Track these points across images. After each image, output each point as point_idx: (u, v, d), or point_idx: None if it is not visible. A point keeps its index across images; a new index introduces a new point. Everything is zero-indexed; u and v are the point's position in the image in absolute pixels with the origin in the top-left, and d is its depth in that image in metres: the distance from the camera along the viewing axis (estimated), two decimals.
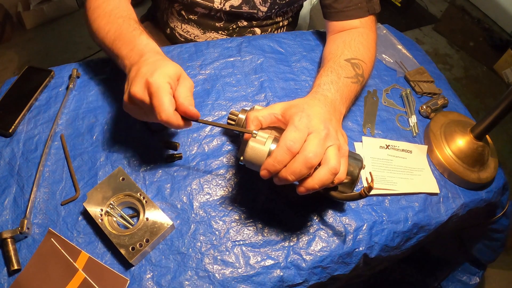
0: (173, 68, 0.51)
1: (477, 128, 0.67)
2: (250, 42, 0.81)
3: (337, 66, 0.63)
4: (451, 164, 0.67)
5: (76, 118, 0.67)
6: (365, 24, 0.73)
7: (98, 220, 0.53)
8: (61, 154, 0.63)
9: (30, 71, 0.72)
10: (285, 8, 0.87)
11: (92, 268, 0.52)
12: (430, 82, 0.81)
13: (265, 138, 0.49)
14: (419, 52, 0.90)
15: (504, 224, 0.80)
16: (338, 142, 0.49)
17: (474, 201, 0.67)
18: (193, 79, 0.74)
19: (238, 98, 0.72)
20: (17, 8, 2.11)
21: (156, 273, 0.53)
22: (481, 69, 2.25)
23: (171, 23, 0.89)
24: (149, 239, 0.52)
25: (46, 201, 0.58)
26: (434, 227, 0.63)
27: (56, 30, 2.14)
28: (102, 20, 0.63)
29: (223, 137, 0.67)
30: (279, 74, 0.77)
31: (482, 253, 0.89)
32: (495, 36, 2.38)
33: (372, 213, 0.61)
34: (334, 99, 0.56)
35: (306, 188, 0.47)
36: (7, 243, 0.51)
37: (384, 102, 0.77)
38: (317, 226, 0.59)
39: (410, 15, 2.53)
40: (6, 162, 0.61)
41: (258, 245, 0.56)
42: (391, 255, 0.62)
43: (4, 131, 0.63)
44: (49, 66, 0.74)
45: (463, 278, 0.97)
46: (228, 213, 0.59)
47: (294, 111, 0.50)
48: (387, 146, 0.68)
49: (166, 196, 0.59)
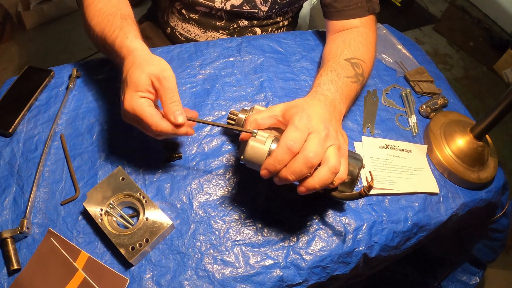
0: (143, 77, 0.51)
1: (477, 128, 0.67)
2: (250, 42, 0.81)
3: (337, 65, 0.63)
4: (451, 164, 0.67)
5: (76, 118, 0.67)
6: (365, 23, 0.73)
7: (98, 220, 0.53)
8: (61, 154, 0.63)
9: (30, 71, 0.72)
10: (286, 8, 0.88)
11: (92, 268, 0.52)
12: (430, 82, 0.81)
13: (265, 138, 0.49)
14: (419, 52, 0.90)
15: (504, 224, 0.80)
16: (338, 142, 0.49)
17: (474, 201, 0.67)
18: (193, 79, 0.74)
19: (238, 98, 0.72)
20: (17, 8, 2.11)
21: (156, 272, 0.53)
22: (481, 69, 2.25)
23: (172, 22, 0.89)
24: (149, 238, 0.52)
25: (46, 201, 0.58)
26: (434, 227, 0.63)
27: (56, 30, 2.14)
28: (92, 20, 0.63)
29: (223, 137, 0.67)
30: (279, 74, 0.77)
31: (482, 253, 0.89)
32: (495, 36, 2.39)
33: (372, 213, 0.61)
34: (334, 98, 0.56)
35: (306, 188, 0.47)
36: (7, 242, 0.51)
37: (384, 102, 0.77)
38: (317, 225, 0.59)
39: (410, 15, 2.53)
40: (6, 162, 0.61)
41: (257, 244, 0.56)
42: (391, 255, 0.62)
43: (4, 131, 0.63)
44: (49, 66, 0.74)
45: (463, 278, 0.97)
46: (227, 212, 0.59)
47: (294, 111, 0.50)
48: (387, 146, 0.68)
49: (166, 196, 0.59)
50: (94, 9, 0.63)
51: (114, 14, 0.61)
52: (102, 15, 0.61)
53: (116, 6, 0.63)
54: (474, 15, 2.56)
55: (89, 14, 0.63)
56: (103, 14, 0.61)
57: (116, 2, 0.64)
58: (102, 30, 0.60)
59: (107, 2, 0.63)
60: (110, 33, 0.58)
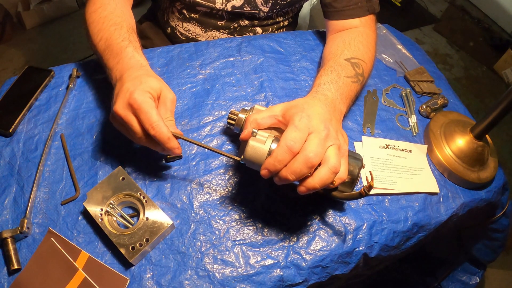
0: (155, 83, 0.52)
1: (477, 128, 0.67)
2: (250, 42, 0.81)
3: (337, 65, 0.63)
4: (451, 163, 0.67)
5: (76, 118, 0.67)
6: (365, 23, 0.73)
7: (98, 220, 0.53)
8: (61, 154, 0.63)
9: (30, 71, 0.72)
10: (286, 9, 0.88)
11: (92, 268, 0.52)
12: (430, 82, 0.81)
13: (265, 138, 0.49)
14: (419, 52, 0.90)
15: (504, 224, 0.80)
16: (338, 142, 0.49)
17: (474, 201, 0.67)
18: (193, 79, 0.74)
19: (238, 98, 0.72)
20: (17, 8, 2.11)
21: (156, 272, 0.53)
22: (481, 69, 2.25)
23: (172, 22, 0.89)
24: (149, 238, 0.52)
25: (46, 200, 0.58)
26: (434, 227, 0.63)
27: (56, 30, 2.14)
28: (96, 26, 0.63)
29: (223, 137, 0.67)
30: (279, 74, 0.77)
31: (482, 253, 0.89)
32: (495, 36, 2.39)
33: (372, 213, 0.61)
34: (334, 98, 0.56)
35: (306, 188, 0.47)
36: (7, 242, 0.51)
37: (384, 102, 0.77)
38: (317, 225, 0.59)
39: (410, 15, 2.53)
40: (6, 162, 0.61)
41: (258, 244, 0.56)
42: (391, 255, 0.62)
43: (4, 130, 0.63)
44: (49, 66, 0.74)
45: (463, 278, 0.97)
46: (228, 212, 0.59)
47: (294, 111, 0.50)
48: (387, 145, 0.68)
49: (166, 196, 0.59)
50: (98, 16, 0.63)
51: (121, 25, 0.61)
52: (107, 22, 0.62)
53: (121, 17, 0.63)
54: (474, 15, 2.56)
55: (93, 20, 0.64)
56: (108, 22, 0.62)
57: (121, 12, 0.64)
58: (109, 37, 0.60)
59: (113, 10, 0.64)
60: (118, 41, 0.59)
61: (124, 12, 0.65)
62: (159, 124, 0.49)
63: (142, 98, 0.49)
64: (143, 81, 0.52)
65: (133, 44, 0.59)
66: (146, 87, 0.51)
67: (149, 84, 0.51)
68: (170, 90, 0.55)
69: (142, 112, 0.49)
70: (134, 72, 0.54)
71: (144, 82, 0.51)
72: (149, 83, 0.52)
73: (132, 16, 0.67)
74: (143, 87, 0.51)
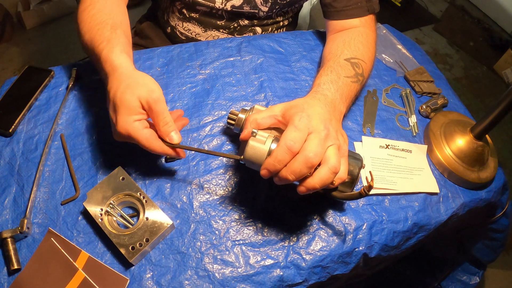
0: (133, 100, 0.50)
1: (477, 128, 0.67)
2: (250, 42, 0.81)
3: (337, 65, 0.63)
4: (451, 163, 0.67)
5: (76, 118, 0.67)
6: (364, 23, 0.73)
7: (98, 220, 0.53)
8: (61, 154, 0.63)
9: (30, 71, 0.72)
10: (286, 8, 0.88)
11: (92, 268, 0.52)
12: (430, 82, 0.81)
13: (265, 138, 0.49)
14: (419, 52, 0.90)
15: (504, 224, 0.80)
16: (338, 142, 0.49)
17: (474, 201, 0.67)
18: (193, 79, 0.74)
19: (238, 98, 0.72)
20: (17, 8, 2.11)
21: (156, 272, 0.53)
22: (481, 69, 2.25)
23: (172, 21, 0.89)
24: (149, 238, 0.52)
25: (46, 200, 0.58)
26: (434, 227, 0.63)
27: (56, 30, 2.14)
28: (84, 26, 0.61)
29: (223, 137, 0.67)
30: (279, 74, 0.77)
31: (482, 253, 0.89)
32: (495, 36, 2.39)
33: (372, 213, 0.61)
34: (334, 98, 0.56)
35: (306, 188, 0.47)
36: (7, 242, 0.51)
37: (384, 102, 0.77)
38: (317, 225, 0.59)
39: (410, 15, 2.53)
40: (6, 162, 0.61)
41: (258, 244, 0.56)
42: (391, 255, 0.62)
43: (4, 130, 0.63)
44: (49, 66, 0.74)
45: (463, 278, 0.97)
46: (228, 212, 0.59)
47: (294, 111, 0.50)
48: (387, 145, 0.68)
49: (166, 196, 0.59)
50: (87, 15, 0.62)
51: (105, 23, 0.59)
52: (93, 22, 0.60)
53: (109, 14, 0.61)
54: (474, 15, 2.56)
55: (82, 19, 0.62)
56: (95, 21, 0.60)
57: (109, 10, 0.62)
58: (91, 39, 0.59)
59: (101, 8, 0.62)
60: (97, 44, 0.57)
61: (113, 9, 0.63)
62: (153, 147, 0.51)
63: (128, 130, 0.50)
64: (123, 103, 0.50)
65: (110, 43, 0.56)
66: (131, 111, 0.50)
67: (127, 105, 0.50)
68: (152, 89, 0.51)
69: (135, 140, 0.51)
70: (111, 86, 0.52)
71: (124, 106, 0.50)
72: (128, 104, 0.50)
73: (124, 12, 0.64)
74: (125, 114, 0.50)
